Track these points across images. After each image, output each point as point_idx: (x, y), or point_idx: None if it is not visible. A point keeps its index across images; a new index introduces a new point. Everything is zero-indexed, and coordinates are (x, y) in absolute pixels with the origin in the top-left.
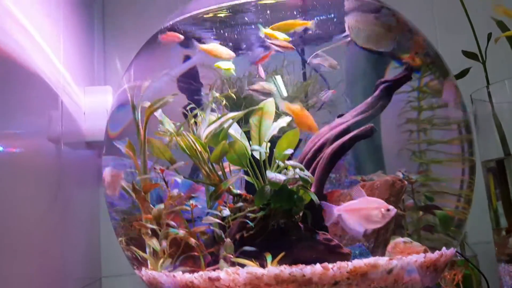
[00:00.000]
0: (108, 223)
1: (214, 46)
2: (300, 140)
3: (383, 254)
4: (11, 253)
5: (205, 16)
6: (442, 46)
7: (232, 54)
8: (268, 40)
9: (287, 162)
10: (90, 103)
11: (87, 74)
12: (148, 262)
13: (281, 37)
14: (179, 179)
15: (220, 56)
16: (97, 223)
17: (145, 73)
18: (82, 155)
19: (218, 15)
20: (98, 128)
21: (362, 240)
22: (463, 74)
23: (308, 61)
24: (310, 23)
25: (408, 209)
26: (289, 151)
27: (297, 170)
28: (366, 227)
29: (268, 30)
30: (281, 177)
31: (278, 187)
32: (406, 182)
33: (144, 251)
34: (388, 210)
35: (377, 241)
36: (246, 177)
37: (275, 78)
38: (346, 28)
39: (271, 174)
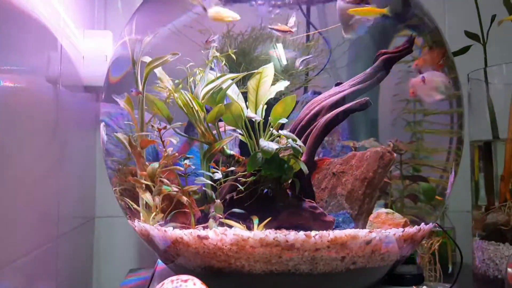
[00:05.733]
0: (104, 165)
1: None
2: (296, 102)
3: (365, 223)
4: (13, 183)
5: None
6: (448, 27)
7: (236, 16)
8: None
9: (281, 132)
10: (89, 47)
11: (87, 16)
12: (141, 214)
13: None
14: (174, 140)
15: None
16: (92, 165)
17: (147, 27)
18: (80, 97)
19: None
20: (97, 74)
21: (347, 206)
22: (463, 51)
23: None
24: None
25: (394, 178)
26: (283, 120)
27: (290, 140)
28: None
29: None
30: (273, 146)
31: (270, 156)
32: (394, 155)
33: (137, 203)
34: None
35: (360, 209)
36: (240, 137)
37: (276, 46)
38: None
39: (264, 143)
